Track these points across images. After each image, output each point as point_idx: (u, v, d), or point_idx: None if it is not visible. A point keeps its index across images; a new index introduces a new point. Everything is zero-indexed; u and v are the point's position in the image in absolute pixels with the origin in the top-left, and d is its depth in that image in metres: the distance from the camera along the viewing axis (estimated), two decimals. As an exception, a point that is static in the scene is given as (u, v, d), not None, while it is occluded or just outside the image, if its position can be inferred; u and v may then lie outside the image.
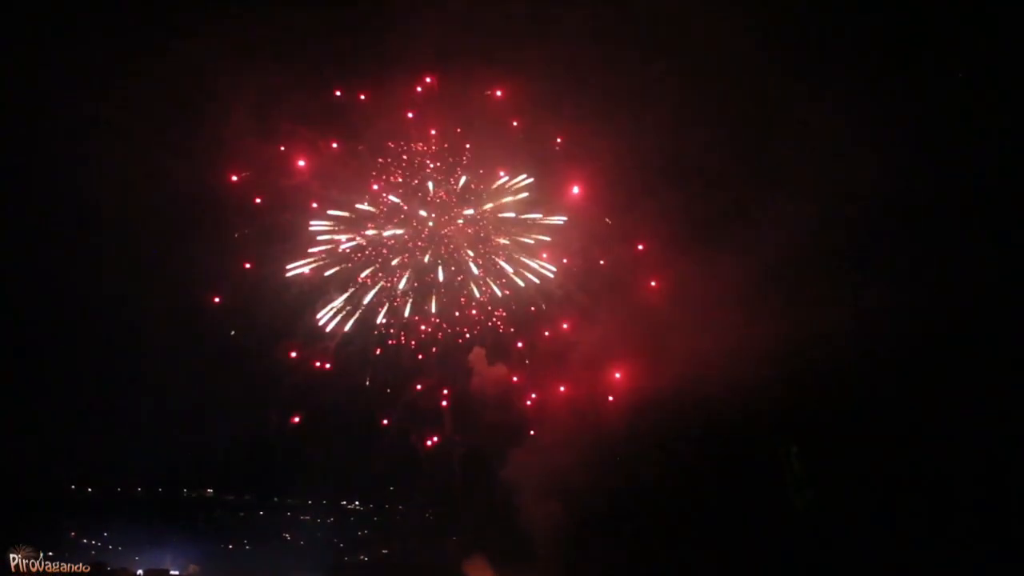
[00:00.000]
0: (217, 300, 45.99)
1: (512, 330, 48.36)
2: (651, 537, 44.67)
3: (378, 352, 47.82)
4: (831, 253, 40.81)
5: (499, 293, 47.97)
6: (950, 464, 36.53)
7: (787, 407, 41.37)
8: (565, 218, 47.21)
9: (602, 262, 47.58)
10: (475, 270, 47.94)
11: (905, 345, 37.85)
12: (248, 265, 46.30)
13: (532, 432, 47.42)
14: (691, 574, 43.30)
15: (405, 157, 47.47)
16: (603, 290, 47.29)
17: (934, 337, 37.08)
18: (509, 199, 47.62)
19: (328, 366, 47.25)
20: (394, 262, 47.77)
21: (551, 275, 47.60)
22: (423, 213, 47.75)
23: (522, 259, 47.92)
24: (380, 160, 47.16)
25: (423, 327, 48.02)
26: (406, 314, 47.80)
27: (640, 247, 46.98)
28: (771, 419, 42.23)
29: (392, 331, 47.92)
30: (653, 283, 46.49)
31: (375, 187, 47.43)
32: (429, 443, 48.69)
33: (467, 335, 48.35)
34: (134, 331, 46.18)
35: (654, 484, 44.53)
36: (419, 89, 46.69)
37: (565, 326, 48.02)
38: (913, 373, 38.34)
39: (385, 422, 48.05)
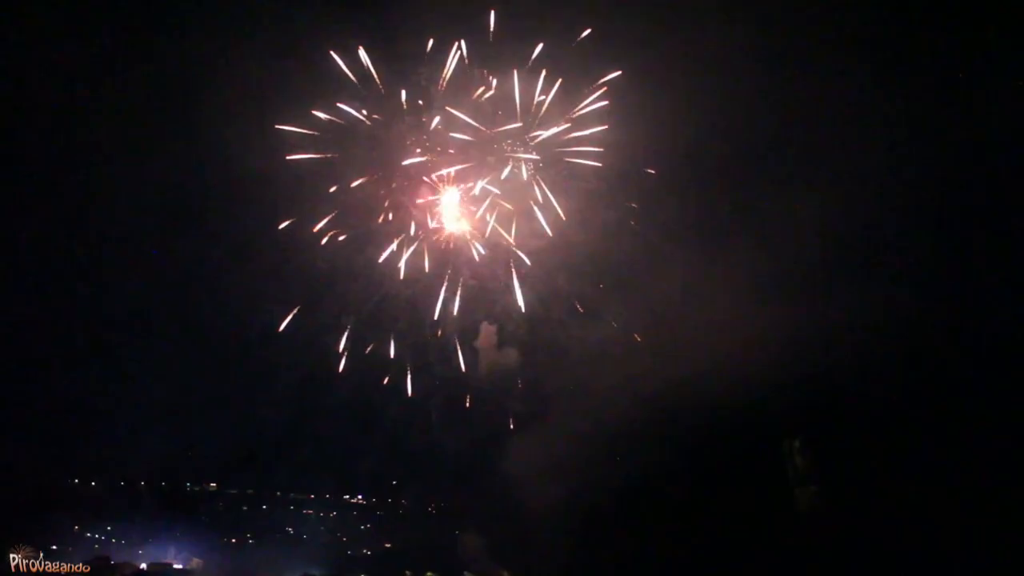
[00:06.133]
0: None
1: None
2: (652, 531, 44.68)
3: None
4: (836, 250, 40.49)
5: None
6: (953, 461, 36.35)
7: (790, 401, 41.23)
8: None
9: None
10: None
11: (910, 341, 37.60)
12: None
13: (536, 422, 47.36)
14: (691, 569, 43.30)
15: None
16: (611, 284, 46.90)
17: (939, 334, 36.86)
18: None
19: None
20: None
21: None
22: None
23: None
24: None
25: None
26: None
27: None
28: (774, 413, 42.10)
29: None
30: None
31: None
32: (431, 434, 48.61)
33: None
34: (136, 327, 46.40)
35: (656, 477, 44.49)
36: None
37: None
38: (918, 369, 38.11)
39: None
